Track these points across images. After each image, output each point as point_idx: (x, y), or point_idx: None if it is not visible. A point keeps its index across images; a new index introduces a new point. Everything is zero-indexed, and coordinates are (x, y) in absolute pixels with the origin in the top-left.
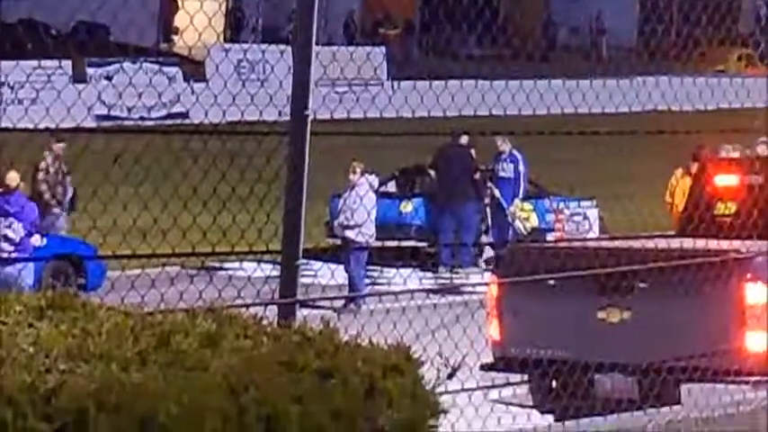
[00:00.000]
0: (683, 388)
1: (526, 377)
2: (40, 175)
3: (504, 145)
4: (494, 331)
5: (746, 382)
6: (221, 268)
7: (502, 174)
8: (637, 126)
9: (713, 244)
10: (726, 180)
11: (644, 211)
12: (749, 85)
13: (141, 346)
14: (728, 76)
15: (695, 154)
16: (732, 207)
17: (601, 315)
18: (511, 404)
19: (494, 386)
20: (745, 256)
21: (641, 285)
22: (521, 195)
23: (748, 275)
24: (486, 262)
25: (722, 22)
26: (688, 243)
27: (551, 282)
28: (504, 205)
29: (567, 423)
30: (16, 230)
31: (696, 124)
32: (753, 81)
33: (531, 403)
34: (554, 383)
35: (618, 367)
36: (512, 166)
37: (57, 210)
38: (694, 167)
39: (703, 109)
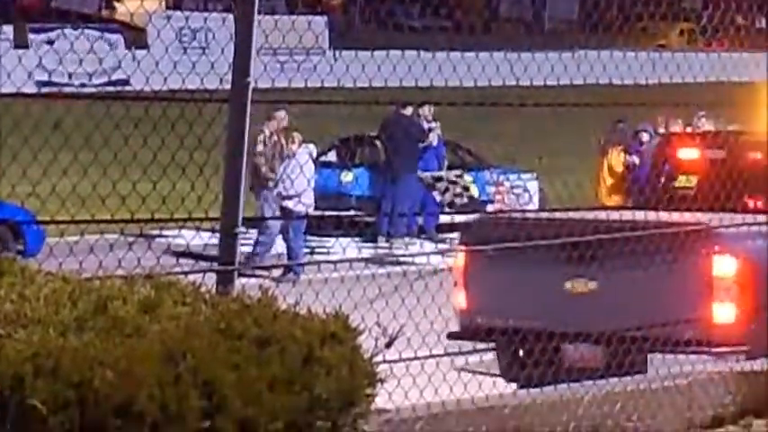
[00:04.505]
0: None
1: (492, 346)
2: (259, 148)
3: (430, 115)
4: (460, 300)
5: (711, 353)
6: (160, 236)
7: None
8: (578, 99)
9: (679, 216)
10: (687, 153)
11: (584, 184)
12: (690, 59)
13: (79, 312)
14: (670, 51)
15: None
16: (693, 180)
17: (568, 285)
18: (477, 372)
19: (452, 354)
20: (714, 227)
21: (608, 256)
22: (445, 164)
23: (716, 248)
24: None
25: None
26: (654, 215)
27: (518, 252)
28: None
29: (531, 390)
30: None
31: (637, 98)
32: (694, 56)
33: (497, 371)
34: (520, 352)
35: (584, 336)
36: (435, 135)
37: (271, 184)
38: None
39: (644, 83)
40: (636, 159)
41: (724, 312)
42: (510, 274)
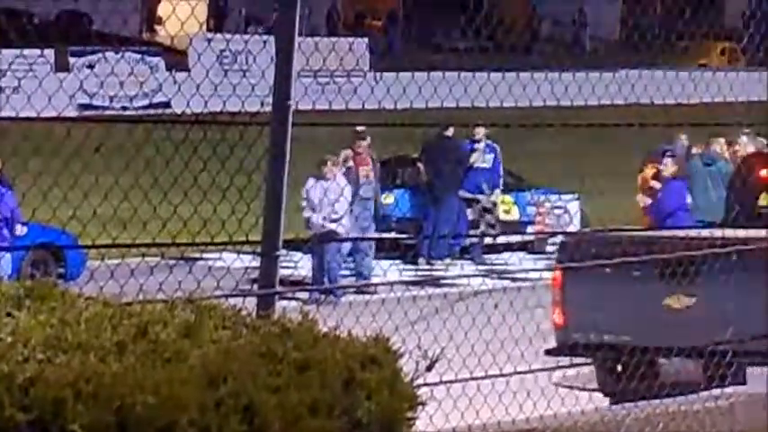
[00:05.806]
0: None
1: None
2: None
3: (481, 135)
4: (557, 317)
5: None
6: (201, 258)
7: (479, 164)
8: (619, 119)
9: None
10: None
11: (624, 205)
12: (732, 79)
13: (120, 337)
14: (711, 70)
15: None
16: None
17: (666, 301)
18: (572, 387)
19: (492, 376)
20: None
21: (705, 272)
22: (500, 185)
23: None
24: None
25: (706, 15)
26: (744, 233)
27: (615, 269)
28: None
29: (626, 405)
30: None
31: (678, 118)
32: (735, 75)
33: (593, 386)
34: (618, 368)
35: (683, 351)
36: (491, 156)
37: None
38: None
39: (686, 102)
40: (655, 183)
41: None
42: (607, 291)
